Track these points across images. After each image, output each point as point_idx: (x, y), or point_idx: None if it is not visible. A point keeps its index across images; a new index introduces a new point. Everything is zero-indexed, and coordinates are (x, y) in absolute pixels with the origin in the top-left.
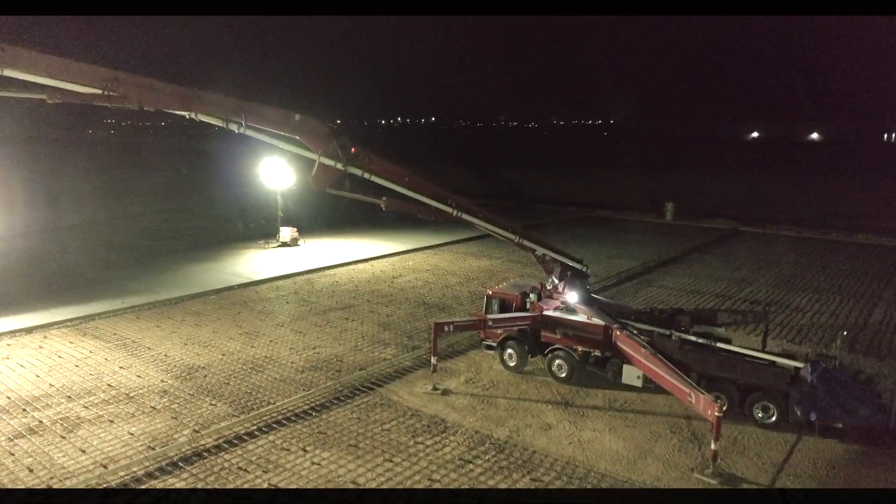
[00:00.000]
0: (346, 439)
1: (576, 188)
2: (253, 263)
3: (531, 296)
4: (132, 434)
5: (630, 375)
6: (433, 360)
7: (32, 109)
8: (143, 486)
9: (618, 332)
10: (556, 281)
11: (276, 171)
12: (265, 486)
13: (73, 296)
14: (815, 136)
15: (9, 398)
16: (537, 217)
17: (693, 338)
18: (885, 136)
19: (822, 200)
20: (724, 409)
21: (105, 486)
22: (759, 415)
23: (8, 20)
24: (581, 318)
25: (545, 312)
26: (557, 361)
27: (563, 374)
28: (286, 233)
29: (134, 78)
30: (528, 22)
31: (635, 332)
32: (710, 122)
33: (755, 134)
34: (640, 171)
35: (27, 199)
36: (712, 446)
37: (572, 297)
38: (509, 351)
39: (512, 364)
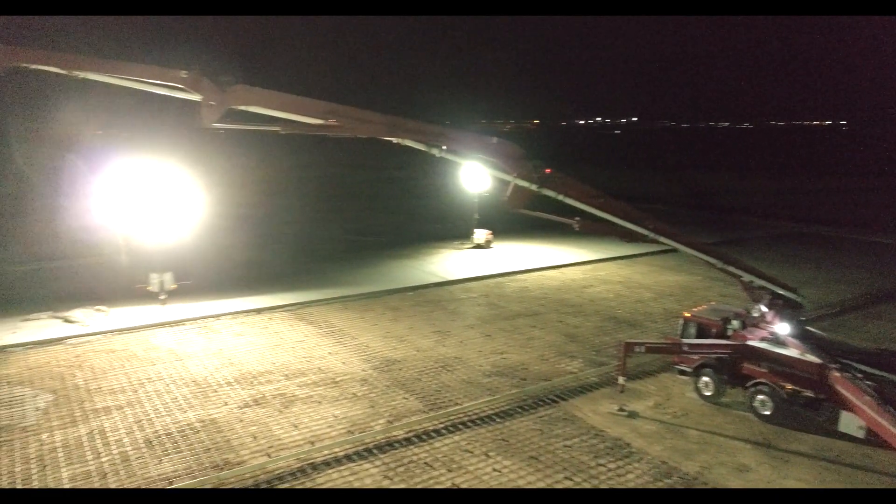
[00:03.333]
0: (528, 450)
1: (790, 199)
2: (447, 263)
3: (734, 323)
4: (336, 417)
5: (849, 424)
6: (621, 379)
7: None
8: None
9: (836, 374)
10: (765, 310)
11: (474, 176)
12: (448, 484)
13: (291, 283)
14: None
15: (241, 371)
16: (742, 231)
17: None
18: None
19: None
20: None
21: (310, 461)
22: None
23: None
24: (792, 352)
25: (749, 342)
26: (761, 397)
27: (767, 412)
28: (480, 235)
29: (347, 110)
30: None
31: (859, 375)
32: None
33: None
34: (875, 181)
35: (244, 193)
36: None
37: (782, 328)
38: (705, 379)
39: (707, 393)
